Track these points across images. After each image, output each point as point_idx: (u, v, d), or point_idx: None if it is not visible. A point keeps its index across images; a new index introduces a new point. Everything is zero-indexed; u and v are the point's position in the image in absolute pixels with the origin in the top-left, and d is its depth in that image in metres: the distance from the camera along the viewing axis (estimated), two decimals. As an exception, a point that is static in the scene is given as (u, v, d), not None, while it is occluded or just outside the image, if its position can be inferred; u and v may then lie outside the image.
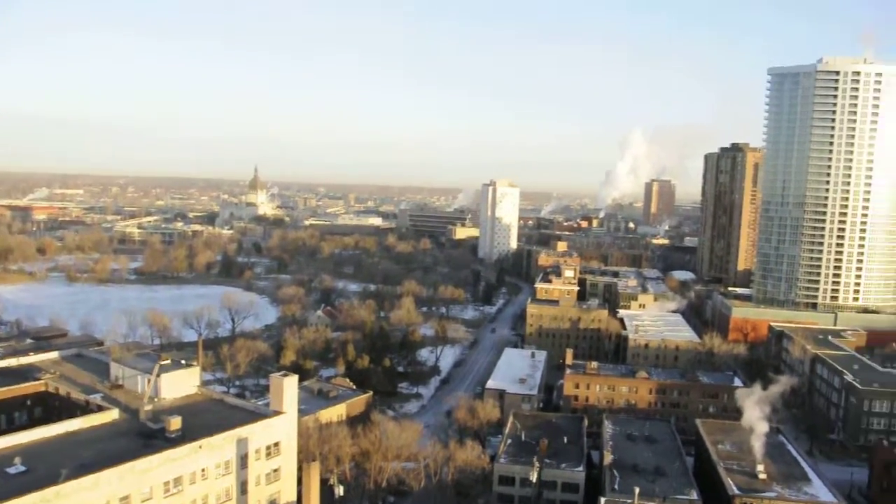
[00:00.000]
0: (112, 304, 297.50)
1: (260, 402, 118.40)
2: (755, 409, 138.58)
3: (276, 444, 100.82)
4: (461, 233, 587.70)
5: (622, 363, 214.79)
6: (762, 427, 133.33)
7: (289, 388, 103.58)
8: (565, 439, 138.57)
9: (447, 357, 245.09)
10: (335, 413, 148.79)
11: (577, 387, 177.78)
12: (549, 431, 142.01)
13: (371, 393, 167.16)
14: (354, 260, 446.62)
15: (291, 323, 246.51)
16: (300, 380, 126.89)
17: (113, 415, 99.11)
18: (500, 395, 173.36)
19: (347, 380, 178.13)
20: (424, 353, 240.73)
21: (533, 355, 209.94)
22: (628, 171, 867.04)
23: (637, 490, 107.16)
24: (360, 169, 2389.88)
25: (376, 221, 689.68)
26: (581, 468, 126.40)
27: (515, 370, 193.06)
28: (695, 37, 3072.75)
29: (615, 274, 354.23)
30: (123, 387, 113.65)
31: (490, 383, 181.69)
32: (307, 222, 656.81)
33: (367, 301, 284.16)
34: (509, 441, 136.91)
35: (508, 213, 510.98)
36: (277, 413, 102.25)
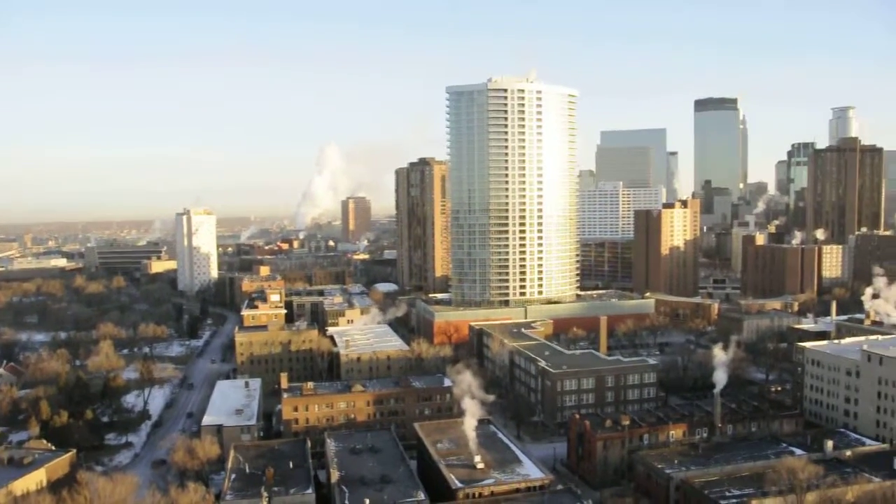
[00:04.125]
0: None
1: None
2: (467, 406, 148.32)
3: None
4: (158, 266, 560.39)
5: (337, 379, 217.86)
6: (473, 421, 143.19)
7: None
8: (291, 464, 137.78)
9: (157, 399, 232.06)
10: (33, 481, 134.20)
11: (295, 410, 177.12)
12: (273, 459, 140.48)
13: (74, 451, 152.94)
14: (38, 307, 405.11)
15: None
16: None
17: None
18: (218, 429, 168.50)
19: (44, 441, 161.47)
20: (131, 399, 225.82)
21: (247, 384, 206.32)
22: (326, 188, 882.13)
23: (367, 501, 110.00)
24: (35, 205, 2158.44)
25: (60, 262, 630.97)
26: (310, 490, 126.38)
27: (231, 402, 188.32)
28: (385, 52, 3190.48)
29: (321, 293, 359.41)
30: None
31: (206, 419, 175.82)
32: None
33: (59, 350, 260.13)
34: (233, 476, 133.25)
35: (206, 241, 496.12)
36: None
